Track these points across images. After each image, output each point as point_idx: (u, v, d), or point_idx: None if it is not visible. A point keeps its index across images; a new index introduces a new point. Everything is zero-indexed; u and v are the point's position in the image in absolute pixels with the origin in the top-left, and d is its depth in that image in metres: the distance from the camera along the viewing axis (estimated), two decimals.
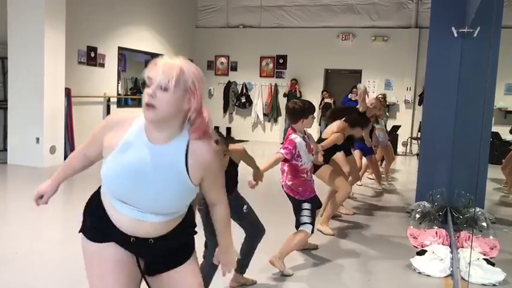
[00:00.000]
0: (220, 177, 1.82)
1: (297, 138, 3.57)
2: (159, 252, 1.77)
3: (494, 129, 6.46)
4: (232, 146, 2.93)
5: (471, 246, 3.76)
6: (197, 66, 1.65)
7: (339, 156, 5.02)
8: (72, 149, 8.10)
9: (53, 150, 7.65)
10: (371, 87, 11.98)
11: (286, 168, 3.64)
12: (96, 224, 1.77)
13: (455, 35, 5.07)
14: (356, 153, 6.26)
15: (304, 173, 3.62)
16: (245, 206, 3.11)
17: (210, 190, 1.80)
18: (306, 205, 3.56)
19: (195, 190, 1.73)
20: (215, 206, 1.88)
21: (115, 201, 1.70)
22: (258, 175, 3.23)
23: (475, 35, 4.89)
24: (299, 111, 3.59)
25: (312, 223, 3.54)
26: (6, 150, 7.74)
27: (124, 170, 1.64)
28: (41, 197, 2.12)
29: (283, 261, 3.54)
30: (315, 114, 3.72)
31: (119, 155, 1.65)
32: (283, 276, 3.49)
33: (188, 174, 1.66)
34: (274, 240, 3.58)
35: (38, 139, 7.50)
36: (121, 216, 1.70)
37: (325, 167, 4.53)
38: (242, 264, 3.17)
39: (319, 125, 12.49)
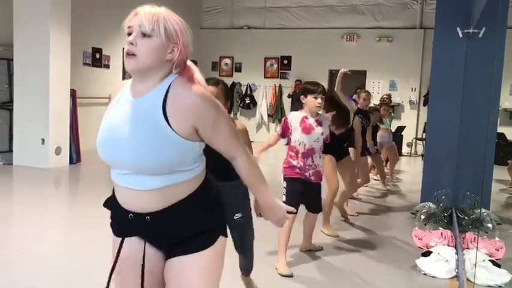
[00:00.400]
0: (225, 125, 1.57)
1: (290, 116, 3.68)
2: (158, 233, 1.58)
3: (499, 130, 6.46)
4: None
5: (477, 247, 3.75)
6: (181, 18, 1.58)
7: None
8: (77, 150, 8.13)
9: (58, 151, 7.67)
10: (375, 88, 11.97)
11: None
12: (112, 213, 1.73)
13: (461, 35, 5.06)
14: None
15: (292, 152, 3.59)
16: (239, 214, 2.64)
17: (217, 142, 1.57)
18: (284, 183, 3.60)
19: (189, 144, 1.52)
20: (233, 161, 1.64)
21: (112, 171, 1.62)
22: None
23: (480, 36, 4.88)
24: (301, 89, 3.71)
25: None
26: (11, 151, 7.77)
27: (106, 129, 1.58)
28: None
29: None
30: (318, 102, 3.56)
31: (105, 117, 1.61)
32: (285, 276, 3.49)
33: (169, 123, 1.48)
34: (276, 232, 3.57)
35: (43, 140, 7.53)
36: (118, 188, 1.61)
37: (328, 160, 4.47)
38: (242, 267, 2.96)
39: None
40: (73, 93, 8.10)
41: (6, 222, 4.79)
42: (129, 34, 1.53)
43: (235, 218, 2.61)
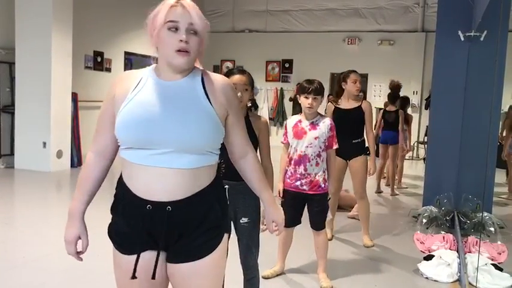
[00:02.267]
0: (241, 119, 1.67)
1: (289, 119, 3.51)
2: (177, 227, 1.54)
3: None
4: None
5: (479, 251, 3.74)
6: None
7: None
8: (78, 153, 8.13)
9: (59, 154, 7.68)
10: (377, 91, 11.97)
11: None
12: (119, 225, 1.62)
13: (462, 38, 5.05)
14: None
15: (288, 158, 3.34)
16: (246, 219, 2.54)
17: (236, 132, 1.64)
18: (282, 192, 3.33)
19: (222, 126, 1.58)
20: (245, 157, 1.69)
21: (135, 155, 1.53)
22: None
23: (481, 39, 4.87)
24: (299, 88, 3.47)
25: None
26: (13, 154, 7.78)
27: (140, 109, 1.52)
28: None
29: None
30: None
31: (133, 98, 1.55)
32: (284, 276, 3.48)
33: (210, 102, 1.55)
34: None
35: (44, 143, 7.54)
36: (140, 173, 1.53)
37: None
38: None
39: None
40: (74, 97, 8.11)
41: (8, 225, 4.79)
42: (172, 28, 1.53)
43: (241, 222, 2.52)
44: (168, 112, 1.51)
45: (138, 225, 1.55)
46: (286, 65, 12.99)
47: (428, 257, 3.90)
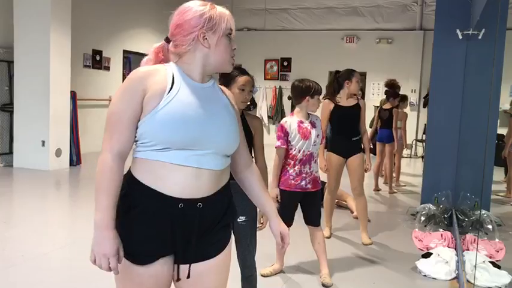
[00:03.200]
0: (242, 129, 1.76)
1: (286, 121, 3.35)
2: (205, 224, 1.57)
3: (499, 131, 6.44)
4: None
5: (477, 248, 3.75)
6: None
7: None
8: (77, 152, 8.13)
9: (58, 153, 7.68)
10: (375, 90, 11.97)
11: None
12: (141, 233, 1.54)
13: (460, 37, 5.07)
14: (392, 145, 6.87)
15: (291, 159, 3.30)
16: (243, 218, 2.51)
17: (242, 142, 1.73)
18: (278, 196, 3.32)
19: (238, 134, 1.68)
20: (251, 166, 1.78)
21: (173, 155, 1.50)
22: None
23: (480, 37, 4.89)
24: (306, 88, 3.31)
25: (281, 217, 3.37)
26: (12, 153, 7.78)
27: (187, 108, 1.51)
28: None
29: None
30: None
31: (174, 96, 1.51)
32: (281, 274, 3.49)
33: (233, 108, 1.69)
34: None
35: (43, 142, 7.54)
36: (175, 173, 1.50)
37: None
38: None
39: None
40: (73, 95, 8.11)
41: (7, 224, 4.79)
42: (230, 37, 1.64)
43: (239, 220, 2.50)
44: (211, 114, 1.56)
45: (165, 225, 1.52)
46: (285, 64, 12.99)
47: (427, 255, 3.91)
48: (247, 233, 2.57)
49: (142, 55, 7.96)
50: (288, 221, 3.26)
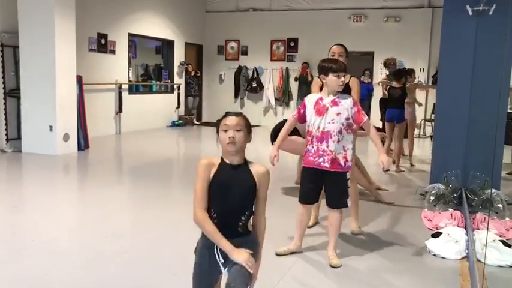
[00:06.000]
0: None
1: (310, 95, 3.46)
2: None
3: (509, 110, 6.36)
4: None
5: (487, 227, 3.73)
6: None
7: None
8: (85, 136, 8.15)
9: (66, 137, 7.70)
10: (383, 69, 11.84)
11: None
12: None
13: (470, 13, 4.97)
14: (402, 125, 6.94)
15: (309, 136, 3.36)
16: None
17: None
18: (302, 172, 3.48)
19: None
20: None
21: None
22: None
23: (490, 13, 4.79)
24: (320, 67, 3.34)
25: (300, 194, 3.48)
26: (20, 138, 7.82)
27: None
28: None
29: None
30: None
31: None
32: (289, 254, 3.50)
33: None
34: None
35: (51, 127, 7.56)
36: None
37: None
38: None
39: None
40: (79, 80, 8.10)
41: (16, 209, 4.83)
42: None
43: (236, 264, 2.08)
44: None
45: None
46: (292, 44, 12.86)
47: (436, 234, 3.89)
48: (244, 278, 2.07)
49: (148, 38, 7.97)
50: (309, 199, 3.45)
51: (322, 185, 3.42)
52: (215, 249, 2.09)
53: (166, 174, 7.02)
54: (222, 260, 2.09)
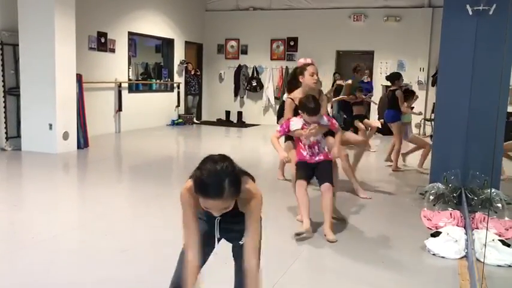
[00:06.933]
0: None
1: (293, 120, 4.12)
2: None
3: (510, 109, 6.36)
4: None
5: (487, 227, 3.73)
6: None
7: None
8: (85, 134, 8.15)
9: (65, 136, 7.70)
10: (383, 69, 11.85)
11: None
12: None
13: (470, 13, 4.96)
14: (395, 125, 6.97)
15: (302, 144, 4.14)
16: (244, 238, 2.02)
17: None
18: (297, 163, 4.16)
19: None
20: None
21: None
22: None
23: (490, 13, 4.79)
24: (300, 105, 4.06)
25: (297, 175, 4.08)
26: (20, 136, 7.81)
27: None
28: None
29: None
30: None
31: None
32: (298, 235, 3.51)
33: None
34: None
35: (50, 125, 7.55)
36: None
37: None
38: None
39: (331, 107, 12.38)
40: (79, 78, 8.09)
41: (16, 207, 4.83)
42: None
43: (240, 243, 2.05)
44: None
45: None
46: (291, 43, 12.86)
47: (436, 234, 3.89)
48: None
49: (147, 37, 8.01)
50: (305, 178, 4.06)
51: (313, 174, 4.11)
52: (216, 222, 2.02)
53: (165, 172, 7.02)
54: (219, 235, 2.06)
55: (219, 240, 2.12)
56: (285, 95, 4.92)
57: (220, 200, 1.71)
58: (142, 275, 3.16)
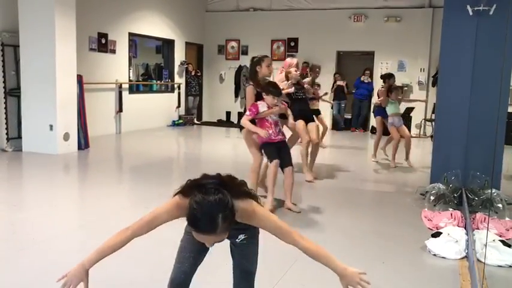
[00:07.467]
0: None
1: (259, 104, 4.67)
2: None
3: (510, 109, 6.36)
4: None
5: (487, 227, 3.73)
6: None
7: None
8: (85, 135, 8.15)
9: (66, 137, 7.70)
10: (384, 69, 11.85)
11: None
12: None
13: (471, 13, 4.97)
14: (377, 119, 7.75)
15: (267, 123, 4.69)
16: (243, 235, 2.06)
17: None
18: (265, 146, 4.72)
19: None
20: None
21: None
22: None
23: (491, 13, 4.79)
24: (263, 89, 4.65)
25: (270, 156, 4.66)
26: (20, 137, 7.82)
27: None
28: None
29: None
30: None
31: None
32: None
33: None
34: None
35: (51, 126, 7.56)
36: None
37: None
38: None
39: (332, 108, 12.40)
40: (80, 79, 8.10)
41: (17, 207, 4.83)
42: None
43: (238, 240, 2.07)
44: None
45: None
46: (292, 44, 12.86)
47: (436, 234, 3.89)
48: (247, 254, 2.12)
49: (148, 37, 8.08)
50: (276, 156, 4.61)
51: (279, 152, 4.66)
52: None
53: (166, 173, 7.02)
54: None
55: None
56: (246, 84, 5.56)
57: (214, 235, 1.70)
58: (142, 275, 3.16)
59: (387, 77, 7.97)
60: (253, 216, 1.84)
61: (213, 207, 1.65)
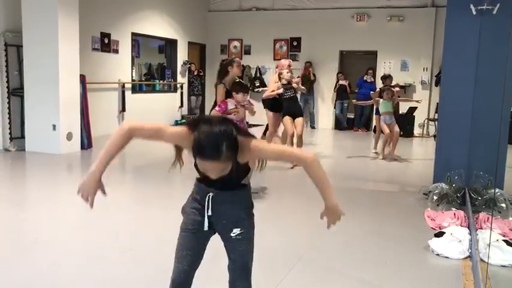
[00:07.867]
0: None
1: (228, 101, 4.99)
2: None
3: None
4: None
5: (491, 227, 3.72)
6: None
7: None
8: (88, 135, 8.16)
9: (69, 136, 7.72)
10: (387, 69, 11.83)
11: None
12: None
13: (474, 12, 4.95)
14: (376, 117, 8.30)
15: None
16: (238, 229, 2.04)
17: None
18: None
19: None
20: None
21: None
22: None
23: (494, 12, 4.77)
24: (233, 86, 5.06)
25: None
26: (23, 137, 7.84)
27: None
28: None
29: None
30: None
31: None
32: None
33: None
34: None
35: (54, 126, 7.57)
36: None
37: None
38: None
39: (334, 107, 12.39)
40: (83, 79, 8.11)
41: (20, 207, 4.85)
42: None
43: (232, 235, 2.05)
44: None
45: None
46: (294, 43, 12.85)
47: (439, 234, 3.88)
48: (242, 250, 2.07)
49: (151, 37, 8.15)
50: None
51: None
52: (208, 199, 2.04)
53: (169, 173, 7.01)
54: (210, 213, 2.04)
55: (209, 227, 2.05)
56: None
57: (218, 162, 1.77)
58: (145, 275, 3.16)
59: (383, 78, 9.03)
60: (254, 148, 1.90)
61: (218, 136, 1.76)
